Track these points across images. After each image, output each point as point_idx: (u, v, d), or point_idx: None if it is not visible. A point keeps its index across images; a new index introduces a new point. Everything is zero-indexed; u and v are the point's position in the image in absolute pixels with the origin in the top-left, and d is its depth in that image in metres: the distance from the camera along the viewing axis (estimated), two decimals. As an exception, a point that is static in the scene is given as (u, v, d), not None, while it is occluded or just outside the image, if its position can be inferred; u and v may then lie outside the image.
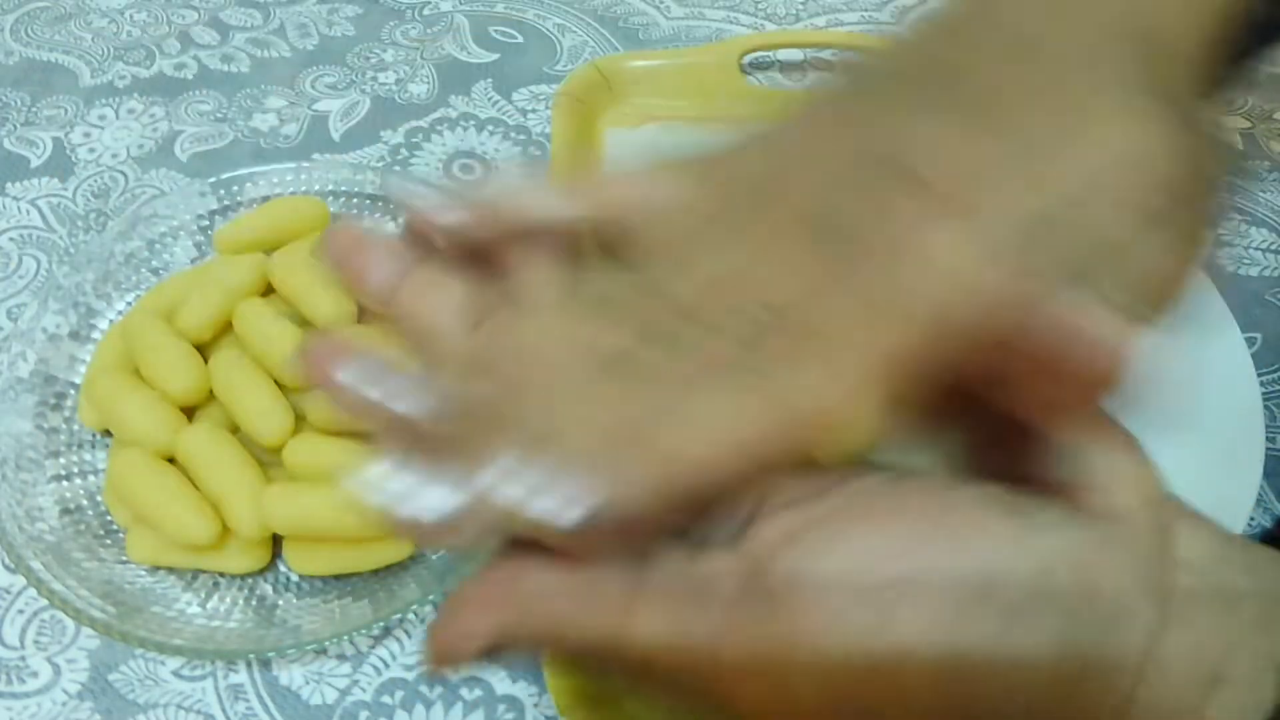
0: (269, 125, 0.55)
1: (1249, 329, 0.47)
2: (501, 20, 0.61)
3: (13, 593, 0.39)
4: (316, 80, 0.57)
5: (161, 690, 0.37)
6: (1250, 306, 0.48)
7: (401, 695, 0.37)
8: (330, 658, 0.38)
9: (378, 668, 0.37)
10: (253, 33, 0.60)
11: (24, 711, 0.36)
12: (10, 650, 0.38)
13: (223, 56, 0.59)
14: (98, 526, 0.39)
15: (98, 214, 0.51)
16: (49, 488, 0.39)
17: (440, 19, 0.61)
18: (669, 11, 0.62)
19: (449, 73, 0.58)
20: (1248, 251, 0.51)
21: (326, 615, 0.37)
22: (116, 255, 0.45)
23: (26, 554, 0.36)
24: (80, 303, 0.44)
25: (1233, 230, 0.51)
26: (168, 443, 0.38)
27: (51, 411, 0.42)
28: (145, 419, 0.38)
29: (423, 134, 0.55)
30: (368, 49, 0.59)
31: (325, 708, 0.37)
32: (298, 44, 0.59)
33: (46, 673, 0.37)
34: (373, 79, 0.57)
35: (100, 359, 0.42)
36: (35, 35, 0.59)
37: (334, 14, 0.61)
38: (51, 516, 0.39)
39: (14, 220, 0.50)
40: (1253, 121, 0.56)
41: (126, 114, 0.55)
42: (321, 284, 0.42)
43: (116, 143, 0.54)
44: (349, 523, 0.37)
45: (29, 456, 0.40)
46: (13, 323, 0.46)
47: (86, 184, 0.52)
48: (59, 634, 0.38)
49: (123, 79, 0.57)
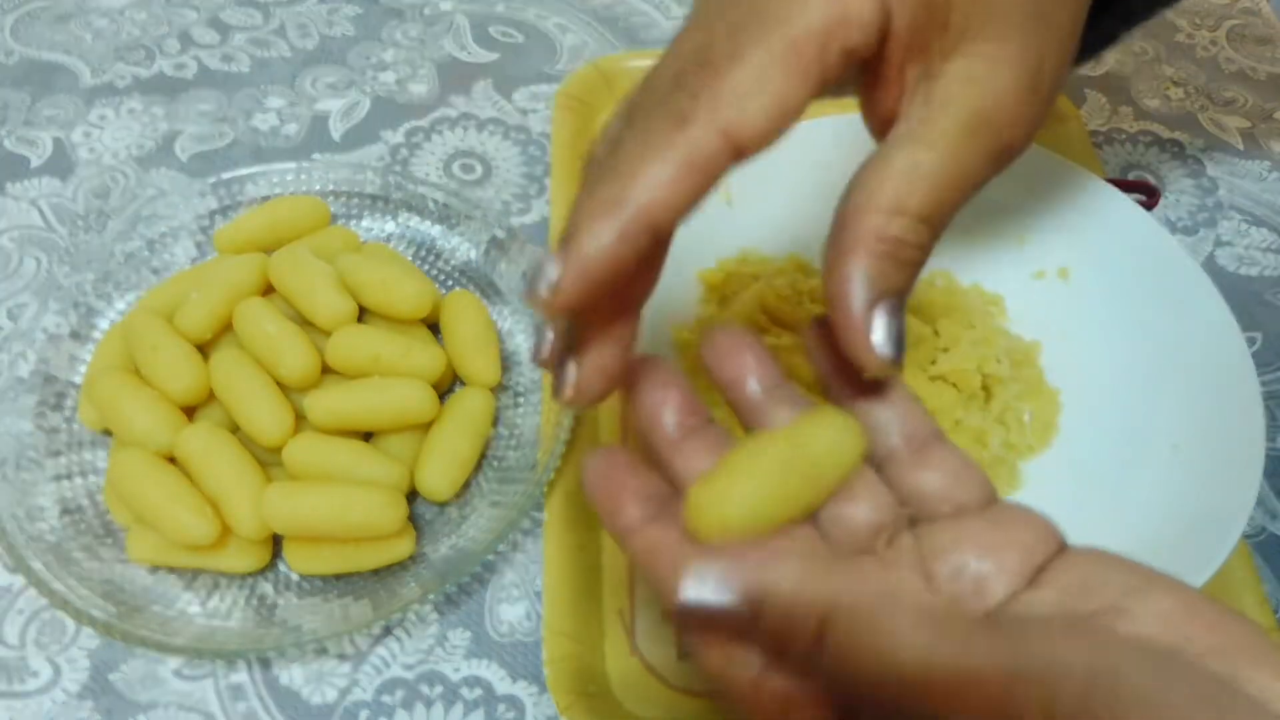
0: (269, 125, 0.55)
1: (1249, 329, 0.47)
2: (501, 20, 0.61)
3: (13, 593, 0.39)
4: (316, 80, 0.57)
5: (161, 690, 0.37)
6: (1250, 306, 0.48)
7: (401, 695, 0.37)
8: (330, 658, 0.38)
9: (378, 668, 0.37)
10: (253, 33, 0.60)
11: (24, 711, 0.36)
12: (10, 650, 0.38)
13: (223, 56, 0.59)
14: (98, 526, 0.39)
15: (98, 214, 0.51)
16: (49, 488, 0.39)
17: (440, 19, 0.61)
18: (669, 11, 0.62)
19: (449, 73, 0.58)
20: (1248, 251, 0.51)
21: (326, 615, 0.37)
22: (116, 255, 0.45)
23: (26, 554, 0.36)
24: (80, 303, 0.44)
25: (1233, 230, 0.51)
26: (168, 443, 0.38)
27: (51, 411, 0.42)
28: (145, 419, 0.38)
29: (423, 134, 0.55)
30: (368, 49, 0.59)
31: (325, 707, 0.37)
32: (298, 44, 0.59)
33: (46, 672, 0.37)
34: (373, 79, 0.57)
35: (100, 359, 0.42)
36: (35, 35, 0.59)
37: (334, 14, 0.61)
38: (51, 516, 0.39)
39: (14, 220, 0.50)
40: (1253, 121, 0.56)
41: (126, 114, 0.55)
42: (322, 284, 0.42)
43: (116, 143, 0.54)
44: (349, 522, 0.37)
45: (29, 456, 0.40)
46: (13, 323, 0.46)
47: (86, 184, 0.52)
48: (59, 634, 0.38)
49: (123, 79, 0.57)
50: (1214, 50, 0.60)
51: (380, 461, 0.39)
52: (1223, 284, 0.41)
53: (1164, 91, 0.58)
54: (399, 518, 0.37)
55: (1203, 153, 0.55)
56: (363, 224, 0.48)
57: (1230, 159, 0.55)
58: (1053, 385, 0.42)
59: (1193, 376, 0.39)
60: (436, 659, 0.38)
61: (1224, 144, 0.55)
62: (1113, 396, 0.40)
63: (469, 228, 0.47)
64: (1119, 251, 0.42)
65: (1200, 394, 0.38)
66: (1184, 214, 0.52)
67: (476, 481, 0.41)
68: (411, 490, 0.40)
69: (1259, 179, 0.54)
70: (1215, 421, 0.37)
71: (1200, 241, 0.51)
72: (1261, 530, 0.41)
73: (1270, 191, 0.53)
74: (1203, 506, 0.36)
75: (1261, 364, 0.46)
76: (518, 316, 0.45)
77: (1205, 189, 0.53)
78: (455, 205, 0.47)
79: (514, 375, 0.44)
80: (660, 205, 0.22)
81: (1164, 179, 0.54)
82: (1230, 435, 0.36)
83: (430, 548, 0.39)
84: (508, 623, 0.39)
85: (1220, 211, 0.52)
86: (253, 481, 0.37)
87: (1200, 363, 0.39)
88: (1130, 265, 0.42)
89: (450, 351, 0.43)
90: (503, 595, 0.39)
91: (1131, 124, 0.56)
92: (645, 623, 0.38)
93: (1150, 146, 0.55)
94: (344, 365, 0.41)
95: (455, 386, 0.44)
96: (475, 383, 0.42)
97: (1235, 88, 0.58)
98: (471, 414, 0.41)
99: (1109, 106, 0.57)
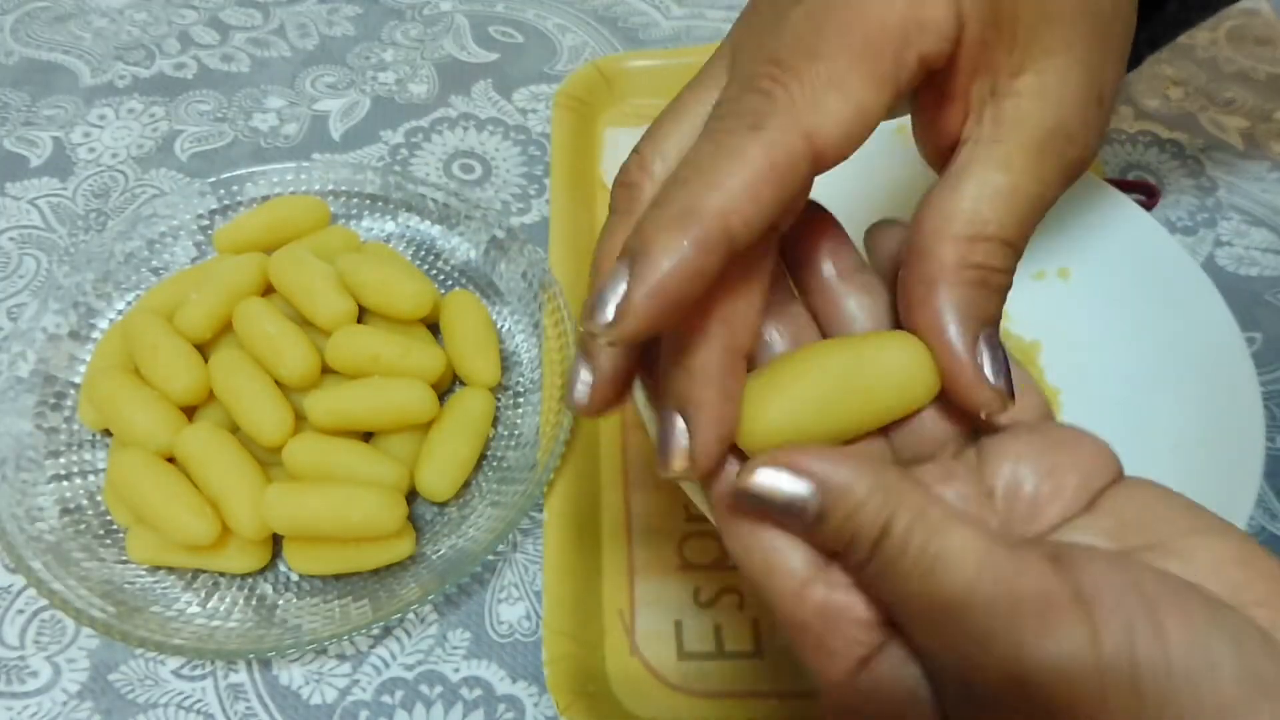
0: (269, 125, 0.55)
1: (1249, 329, 0.47)
2: (501, 20, 0.61)
3: (13, 593, 0.39)
4: (316, 80, 0.57)
5: (161, 690, 0.37)
6: (1250, 306, 0.48)
7: (401, 695, 0.37)
8: (330, 658, 0.38)
9: (378, 668, 0.37)
10: (253, 33, 0.60)
11: (24, 711, 0.36)
12: (10, 650, 0.38)
13: (223, 56, 0.59)
14: (98, 526, 0.39)
15: (98, 214, 0.51)
16: (49, 488, 0.39)
17: (440, 19, 0.61)
18: (669, 11, 0.62)
19: (449, 73, 0.58)
20: (1248, 251, 0.50)
21: (326, 615, 0.37)
22: (116, 255, 0.45)
23: (26, 554, 0.36)
24: (80, 303, 0.44)
25: (1233, 230, 0.51)
26: (168, 443, 0.38)
27: (51, 411, 0.42)
28: (145, 419, 0.38)
29: (423, 134, 0.55)
30: (368, 49, 0.59)
31: (325, 707, 0.37)
32: (298, 44, 0.59)
33: (46, 673, 0.37)
34: (373, 79, 0.57)
35: (100, 359, 0.42)
36: (35, 35, 0.59)
37: (334, 14, 0.61)
38: (51, 516, 0.39)
39: (14, 220, 0.50)
40: (1252, 122, 0.56)
41: (126, 114, 0.55)
42: (322, 284, 0.42)
43: (116, 143, 0.54)
44: (349, 523, 0.37)
45: (29, 456, 0.40)
46: (13, 323, 0.46)
47: (86, 184, 0.52)
48: (59, 634, 0.38)
49: (123, 79, 0.57)
50: (1214, 50, 0.60)
51: (380, 461, 0.39)
52: (1223, 284, 0.41)
53: (1164, 91, 0.58)
54: (399, 518, 0.37)
55: (1202, 153, 0.55)
56: (363, 224, 0.48)
57: (1230, 159, 0.55)
58: (1053, 385, 0.42)
59: (1193, 376, 0.39)
60: (436, 659, 0.38)
61: (1224, 144, 0.55)
62: (1113, 396, 0.40)
63: (469, 228, 0.47)
64: (1119, 251, 0.42)
65: (1200, 394, 0.38)
66: (1184, 214, 0.52)
67: (476, 481, 0.41)
68: (411, 490, 0.40)
69: (1259, 179, 0.54)
70: (1215, 421, 0.37)
71: (1200, 241, 0.51)
72: (1261, 530, 0.41)
73: (1270, 191, 0.53)
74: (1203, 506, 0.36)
75: (1261, 364, 0.46)
76: (517, 317, 0.45)
77: (1205, 189, 0.53)
78: (455, 205, 0.47)
79: (514, 375, 0.44)
80: (738, 215, 0.20)
81: (1164, 179, 0.54)
82: (1230, 435, 0.36)
83: (430, 548, 0.39)
84: (507, 623, 0.39)
85: (1220, 211, 0.52)
86: (253, 482, 0.37)
87: (1200, 363, 0.39)
88: (1130, 265, 0.42)
89: (450, 351, 0.43)
90: (502, 595, 0.39)
91: (1131, 124, 0.56)
92: (645, 623, 0.38)
93: (1150, 146, 0.55)
94: (344, 365, 0.41)
95: (455, 386, 0.44)
96: (475, 383, 0.42)
97: (1235, 88, 0.58)
98: (471, 414, 0.41)
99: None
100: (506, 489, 0.40)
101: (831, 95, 0.21)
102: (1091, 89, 0.24)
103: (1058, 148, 0.24)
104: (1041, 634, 0.18)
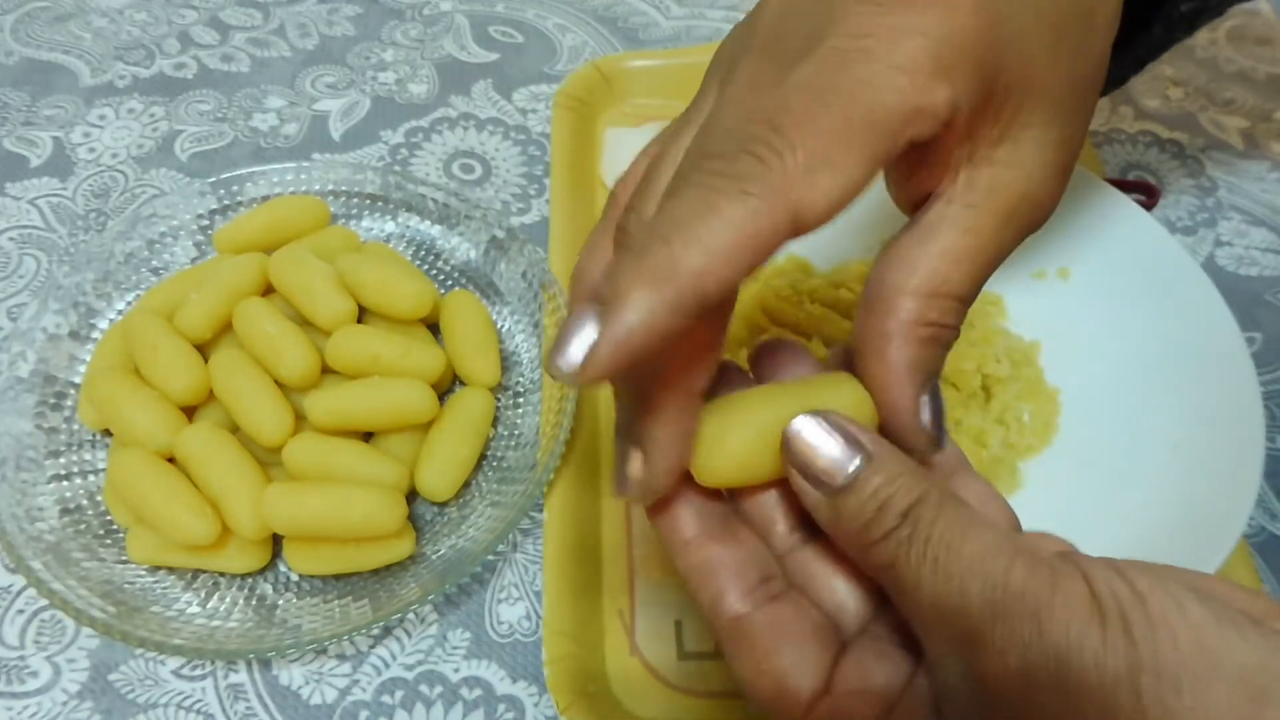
0: (269, 125, 0.55)
1: (1249, 329, 0.47)
2: (501, 20, 0.61)
3: (13, 593, 0.39)
4: (316, 80, 0.57)
5: (161, 690, 0.37)
6: (1250, 306, 0.48)
7: (401, 695, 0.37)
8: (330, 658, 0.38)
9: (378, 668, 0.37)
10: (253, 33, 0.60)
11: (24, 711, 0.36)
12: (10, 650, 0.38)
13: (223, 56, 0.59)
14: (98, 526, 0.39)
15: (98, 214, 0.51)
16: (49, 488, 0.39)
17: (440, 19, 0.61)
18: (669, 11, 0.62)
19: (449, 73, 0.58)
20: (1248, 251, 0.50)
21: (326, 615, 0.37)
22: (116, 255, 0.45)
23: (26, 554, 0.36)
24: (80, 303, 0.44)
25: (1233, 230, 0.51)
26: (168, 443, 0.38)
27: (51, 411, 0.42)
28: (145, 419, 0.38)
29: (423, 134, 0.55)
30: (368, 49, 0.59)
31: (325, 707, 0.37)
32: (298, 44, 0.59)
33: (46, 673, 0.37)
34: (373, 79, 0.57)
35: (100, 359, 0.42)
36: (35, 35, 0.59)
37: (334, 14, 0.61)
38: (51, 516, 0.39)
39: (14, 220, 0.50)
40: (1252, 122, 0.56)
41: (126, 114, 0.55)
42: (322, 284, 0.42)
43: (116, 143, 0.54)
44: (349, 523, 0.37)
45: (29, 456, 0.40)
46: (13, 323, 0.46)
47: (86, 184, 0.52)
48: (59, 634, 0.38)
49: (123, 79, 0.57)
50: (1214, 50, 0.60)
51: (380, 461, 0.39)
52: (1223, 284, 0.41)
53: (1164, 92, 0.58)
54: (399, 518, 0.37)
55: (1202, 153, 0.55)
56: (363, 224, 0.48)
57: (1230, 159, 0.55)
58: (1052, 385, 0.42)
59: (1192, 376, 0.39)
60: (436, 659, 0.38)
61: (1224, 144, 0.55)
62: (1113, 396, 0.40)
63: (469, 228, 0.47)
64: (1119, 251, 0.42)
65: (1200, 394, 0.38)
66: (1184, 214, 0.52)
67: (476, 481, 0.41)
68: (411, 490, 0.40)
69: (1259, 179, 0.53)
70: (1215, 421, 0.37)
71: (1200, 241, 0.51)
72: (1261, 530, 0.41)
73: (1270, 191, 0.53)
74: (1203, 506, 0.36)
75: (1261, 364, 0.46)
76: (517, 316, 0.45)
77: (1205, 189, 0.53)
78: (455, 205, 0.47)
79: (514, 375, 0.44)
80: (713, 277, 0.21)
81: (1164, 179, 0.54)
82: (1230, 435, 0.36)
83: (430, 548, 0.39)
84: (507, 623, 0.39)
85: (1220, 211, 0.52)
86: (252, 482, 0.37)
87: (1200, 363, 0.39)
88: (1130, 265, 0.42)
89: (450, 351, 0.43)
90: (502, 595, 0.39)
91: (1131, 124, 0.56)
92: (645, 623, 0.38)
93: (1150, 146, 0.55)
94: (344, 365, 0.41)
95: (455, 386, 0.44)
96: (475, 383, 0.42)
97: (1235, 88, 0.58)
98: (471, 414, 0.41)
99: (1109, 106, 0.57)
100: (506, 489, 0.40)
101: (824, 171, 0.21)
102: (1062, 160, 0.25)
103: (1025, 213, 0.25)
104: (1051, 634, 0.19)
